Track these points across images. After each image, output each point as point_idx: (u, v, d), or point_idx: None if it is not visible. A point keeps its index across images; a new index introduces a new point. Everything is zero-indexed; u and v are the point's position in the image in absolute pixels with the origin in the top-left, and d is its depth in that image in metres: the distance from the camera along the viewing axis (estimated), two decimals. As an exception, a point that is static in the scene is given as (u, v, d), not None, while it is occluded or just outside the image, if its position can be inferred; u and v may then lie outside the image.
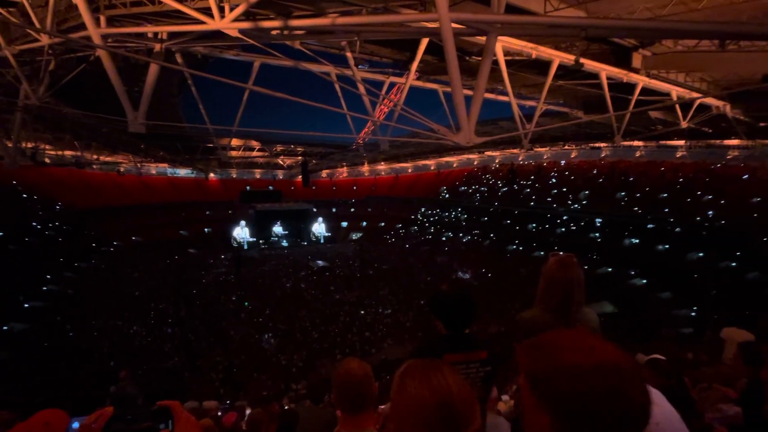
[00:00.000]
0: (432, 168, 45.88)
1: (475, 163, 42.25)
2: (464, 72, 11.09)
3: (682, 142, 25.83)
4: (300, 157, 40.04)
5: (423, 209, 42.17)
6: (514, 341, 1.44)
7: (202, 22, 5.79)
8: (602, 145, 30.31)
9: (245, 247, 35.03)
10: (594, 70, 10.54)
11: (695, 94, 12.30)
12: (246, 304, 21.01)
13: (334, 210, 44.58)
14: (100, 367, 12.44)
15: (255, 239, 36.55)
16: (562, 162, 34.86)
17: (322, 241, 39.56)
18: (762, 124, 16.87)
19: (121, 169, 32.45)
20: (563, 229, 29.34)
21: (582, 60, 9.32)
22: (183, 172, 41.37)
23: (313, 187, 44.74)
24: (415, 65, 9.67)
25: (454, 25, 4.84)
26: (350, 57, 9.58)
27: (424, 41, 8.63)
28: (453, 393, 0.81)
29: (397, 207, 42.85)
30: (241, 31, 6.10)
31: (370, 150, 34.54)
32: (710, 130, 19.10)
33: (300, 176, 34.20)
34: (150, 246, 30.81)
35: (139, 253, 28.94)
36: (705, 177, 24.12)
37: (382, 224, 42.02)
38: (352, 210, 45.21)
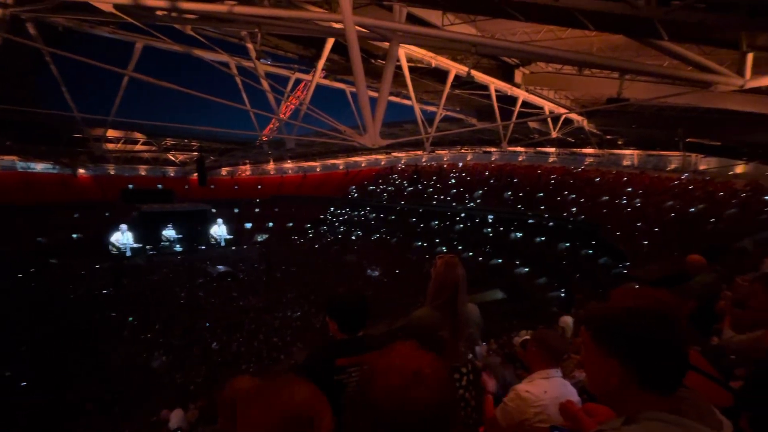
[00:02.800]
0: (341, 167, 45.95)
1: (383, 163, 43.57)
2: (370, 74, 11.30)
3: (553, 149, 30.24)
4: (196, 153, 36.38)
5: (332, 209, 41.97)
6: (406, 338, 1.51)
7: (62, -10, 4.82)
8: (493, 149, 33.82)
9: (127, 254, 30.54)
10: (484, 82, 11.65)
11: (562, 110, 14.47)
12: (130, 319, 18.33)
13: (236, 210, 41.57)
14: None
15: (140, 245, 32.08)
16: (460, 164, 38.02)
17: (222, 244, 36.52)
18: (608, 137, 20.76)
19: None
20: (461, 226, 32.03)
21: (473, 72, 10.19)
22: (40, 166, 34.17)
23: (212, 186, 41.11)
24: (321, 63, 9.50)
25: (358, 28, 4.87)
26: (251, 49, 9.00)
27: (331, 40, 8.55)
28: (301, 408, 0.80)
29: (305, 207, 41.82)
30: (117, 6, 5.25)
31: (275, 148, 33.02)
32: (573, 140, 22.77)
33: (196, 174, 31.06)
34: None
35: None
36: (569, 179, 28.70)
37: (290, 225, 40.61)
38: (257, 210, 42.74)
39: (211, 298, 22.11)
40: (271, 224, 41.05)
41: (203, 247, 34.91)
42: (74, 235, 31.68)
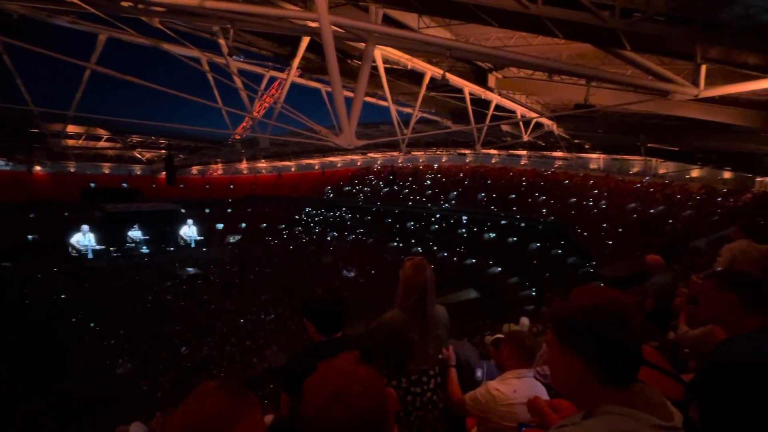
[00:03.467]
0: (316, 167, 45.50)
1: (359, 163, 43.48)
2: (346, 74, 11.25)
3: (524, 152, 31.16)
4: (164, 151, 35.06)
5: (308, 209, 41.48)
6: (376, 342, 1.53)
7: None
8: (467, 151, 34.45)
9: (89, 256, 29.02)
10: (459, 85, 11.84)
11: (533, 114, 14.91)
12: (92, 325, 17.42)
13: (207, 211, 40.35)
14: None
15: (103, 247, 30.54)
16: (435, 165, 38.48)
17: (193, 245, 35.32)
18: (576, 141, 21.59)
19: None
20: (437, 226, 32.42)
21: (448, 75, 10.33)
22: (-9, 163, 31.99)
23: (181, 186, 39.77)
24: (296, 62, 9.38)
25: (333, 27, 4.84)
26: (224, 45, 8.77)
27: (306, 39, 8.46)
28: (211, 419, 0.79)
29: (280, 207, 41.11)
30: (77, -5, 4.99)
31: (249, 147, 32.32)
32: (543, 144, 23.52)
33: (164, 173, 29.93)
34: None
35: None
36: (540, 181, 29.63)
37: (264, 225, 39.81)
38: (229, 211, 41.64)
39: (180, 301, 21.35)
40: (244, 225, 40.10)
41: (172, 249, 33.63)
42: (30, 237, 29.77)
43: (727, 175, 20.16)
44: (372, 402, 0.77)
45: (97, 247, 30.26)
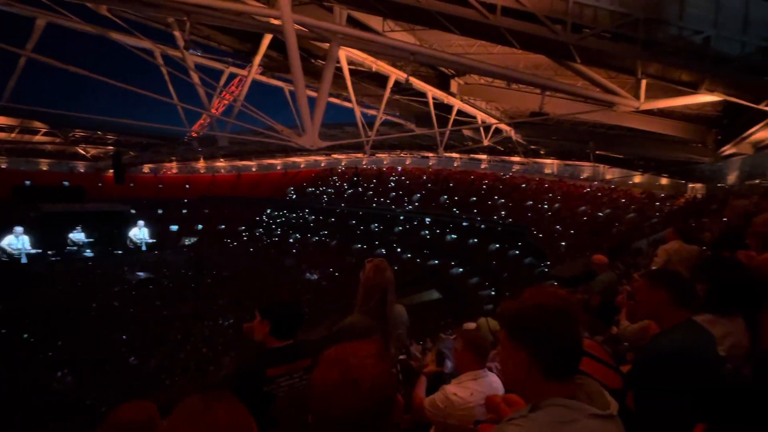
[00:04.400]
0: (279, 168, 44.43)
1: (323, 164, 42.98)
2: (310, 74, 11.10)
3: (484, 157, 32.25)
4: (111, 148, 32.80)
5: (269, 210, 40.39)
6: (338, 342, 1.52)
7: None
8: (430, 155, 35.12)
9: (23, 260, 26.51)
10: (423, 89, 12.05)
11: (493, 120, 15.46)
12: (26, 336, 15.91)
13: (160, 212, 38.19)
14: None
15: (40, 251, 28.01)
16: (399, 168, 38.87)
17: (144, 248, 33.29)
18: (533, 147, 22.67)
19: None
20: (400, 228, 32.73)
21: (412, 79, 10.47)
22: None
23: (131, 185, 37.38)
24: (257, 59, 9.15)
25: (297, 26, 4.78)
26: (179, 37, 8.36)
27: (268, 36, 8.26)
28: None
29: (239, 208, 39.67)
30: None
31: (206, 145, 30.98)
32: (502, 149, 24.48)
33: (111, 170, 27.95)
34: None
35: None
36: (499, 185, 30.80)
37: (222, 227, 38.28)
38: (185, 212, 39.66)
39: (129, 307, 20.02)
40: (200, 226, 38.34)
41: (120, 252, 31.46)
42: (-50, 239, 26.75)
43: (664, 181, 22.01)
44: (390, 380, 0.79)
45: (33, 251, 27.71)
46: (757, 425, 0.97)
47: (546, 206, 25.85)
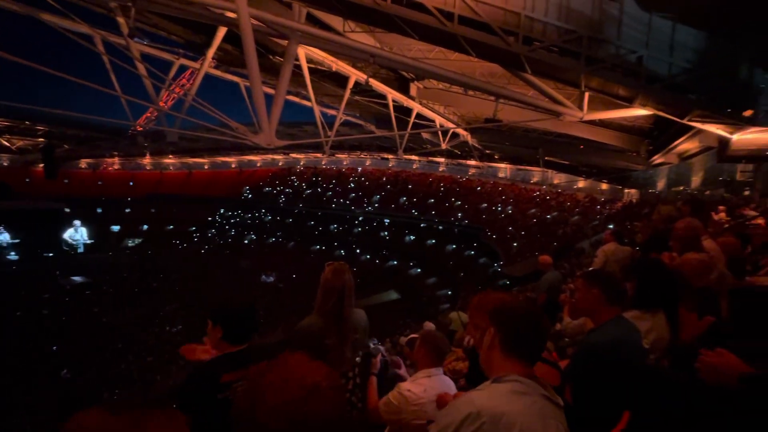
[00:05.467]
0: (233, 166, 42.65)
1: (280, 164, 41.88)
2: (267, 70, 10.79)
3: (442, 160, 33.03)
4: (42, 140, 29.83)
5: (222, 210, 38.68)
6: (293, 348, 1.51)
7: None
8: (390, 156, 35.40)
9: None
10: (383, 91, 12.14)
11: (450, 125, 15.89)
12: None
13: (99, 211, 35.29)
14: None
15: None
16: (359, 168, 38.83)
17: (81, 250, 30.51)
18: (487, 151, 23.63)
19: None
20: (360, 229, 32.70)
21: (372, 81, 10.52)
22: None
23: (65, 181, 34.24)
24: (211, 52, 8.75)
25: (254, 21, 4.63)
26: (123, 24, 7.79)
27: (223, 28, 7.93)
28: None
29: (190, 207, 37.56)
30: None
31: (154, 140, 29.11)
32: (459, 152, 25.25)
33: (42, 165, 25.40)
34: None
35: None
36: (456, 187, 31.73)
37: (171, 227, 36.10)
38: (128, 211, 36.94)
39: (62, 315, 18.29)
40: (146, 227, 35.88)
41: (52, 255, 28.61)
42: None
43: (604, 186, 23.81)
44: (341, 396, 0.80)
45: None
46: (673, 411, 1.09)
47: (499, 208, 27.01)
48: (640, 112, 8.69)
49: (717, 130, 8.44)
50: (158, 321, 18.57)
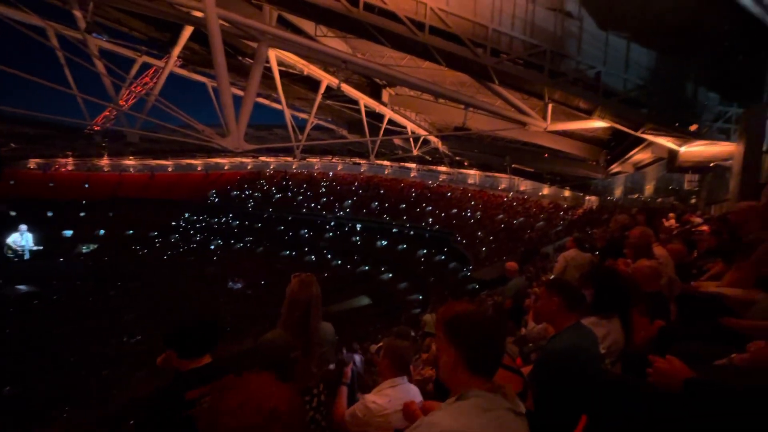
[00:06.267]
0: (199, 168, 41.13)
1: (249, 167, 40.84)
2: (236, 71, 10.55)
3: (414, 165, 33.44)
4: (-14, 137, 27.61)
5: (187, 214, 37.15)
6: (256, 363, 1.47)
7: None
8: (362, 161, 35.40)
9: None
10: (355, 97, 12.16)
11: (422, 131, 16.12)
12: None
13: (50, 214, 32.97)
14: None
15: None
16: (331, 173, 38.53)
17: (27, 257, 28.31)
18: (457, 158, 24.16)
19: None
20: (331, 234, 32.40)
21: (344, 86, 10.52)
22: None
23: (11, 182, 31.81)
24: (177, 51, 8.45)
25: (222, 22, 4.52)
26: (80, 18, 7.39)
27: (190, 27, 7.68)
28: None
29: (152, 211, 35.80)
30: None
31: (113, 140, 27.65)
32: (430, 159, 25.66)
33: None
34: None
35: None
36: (427, 193, 32.15)
37: (131, 232, 34.26)
38: (83, 215, 34.73)
39: (5, 328, 16.89)
40: (102, 232, 33.85)
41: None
42: None
43: (567, 193, 24.91)
44: (301, 420, 0.78)
45: None
46: (629, 416, 1.15)
47: (469, 214, 27.61)
48: (598, 123, 9.20)
49: (667, 142, 9.07)
50: (115, 331, 17.51)
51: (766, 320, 1.53)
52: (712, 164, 10.15)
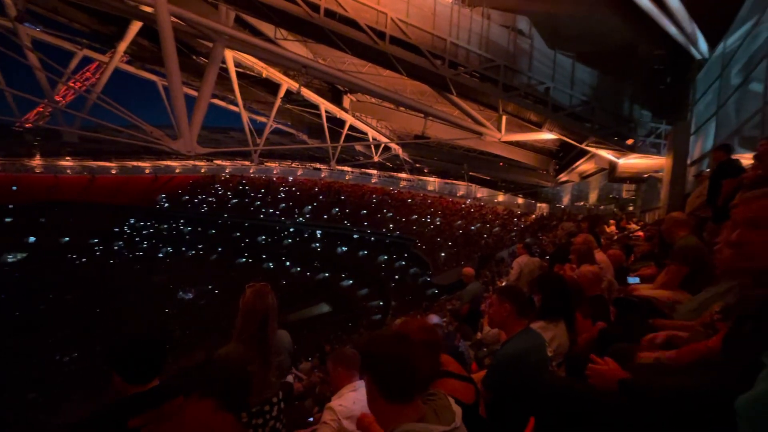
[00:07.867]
0: (147, 171, 38.57)
1: (203, 171, 38.96)
2: (190, 71, 10.09)
3: (375, 172, 33.64)
4: None
5: (132, 220, 34.70)
6: (206, 381, 1.40)
7: None
8: (322, 167, 35.02)
9: None
10: (316, 101, 12.05)
11: (383, 138, 16.28)
12: None
13: (-32, 220, 29.50)
14: None
15: None
16: (290, 178, 37.74)
17: (-60, 267, 25.11)
18: (418, 165, 24.63)
19: None
20: (290, 241, 31.66)
21: (304, 91, 10.41)
22: None
23: None
24: (123, 46, 7.96)
25: (174, 19, 4.31)
26: (10, 5, 6.74)
27: (138, 22, 7.26)
28: None
29: (92, 217, 32.98)
30: None
31: (47, 139, 25.31)
32: (391, 165, 25.96)
33: None
34: None
35: None
36: (388, 199, 32.41)
37: (66, 239, 31.37)
38: (9, 220, 31.37)
39: None
40: (33, 239, 30.72)
41: None
42: None
43: (520, 200, 26.19)
44: None
45: None
46: (569, 415, 1.21)
47: (429, 220, 28.16)
48: (548, 135, 9.78)
49: (608, 154, 9.82)
50: (46, 349, 15.90)
51: (688, 320, 1.70)
52: (646, 175, 11.15)
